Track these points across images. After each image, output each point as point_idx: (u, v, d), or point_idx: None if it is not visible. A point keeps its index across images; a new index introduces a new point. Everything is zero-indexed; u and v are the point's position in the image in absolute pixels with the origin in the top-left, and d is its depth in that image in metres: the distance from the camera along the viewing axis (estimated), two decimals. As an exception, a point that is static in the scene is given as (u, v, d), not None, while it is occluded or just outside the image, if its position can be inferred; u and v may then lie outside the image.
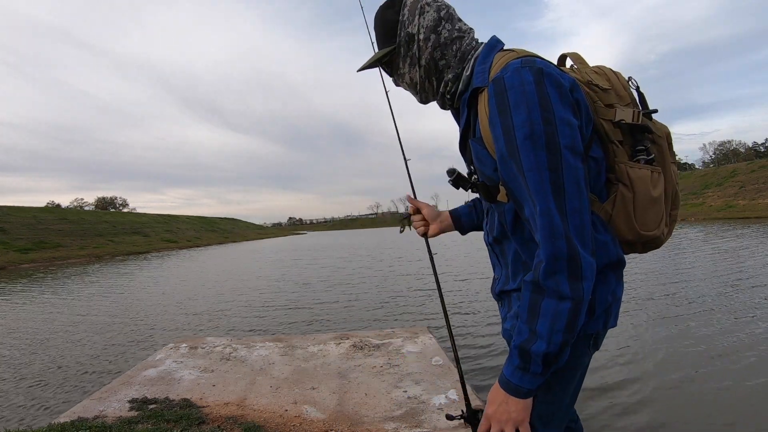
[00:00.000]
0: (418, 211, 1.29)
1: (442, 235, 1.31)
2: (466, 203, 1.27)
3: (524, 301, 0.76)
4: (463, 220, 1.23)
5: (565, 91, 0.76)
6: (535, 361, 0.73)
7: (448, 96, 0.95)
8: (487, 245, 1.03)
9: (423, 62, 0.93)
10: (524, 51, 0.85)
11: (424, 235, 1.27)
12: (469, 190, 0.98)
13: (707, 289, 6.90)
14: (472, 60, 0.91)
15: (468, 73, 0.90)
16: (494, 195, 0.88)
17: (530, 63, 0.77)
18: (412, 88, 0.99)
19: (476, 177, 0.93)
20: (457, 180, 0.97)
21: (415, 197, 1.34)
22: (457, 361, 1.20)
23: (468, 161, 0.96)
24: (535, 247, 0.78)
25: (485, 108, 0.82)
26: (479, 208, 1.22)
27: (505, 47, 0.91)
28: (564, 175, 0.72)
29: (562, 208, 0.72)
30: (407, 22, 0.92)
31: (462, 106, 0.92)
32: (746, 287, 6.80)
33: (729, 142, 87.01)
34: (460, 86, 0.92)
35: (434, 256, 1.28)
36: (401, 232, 1.43)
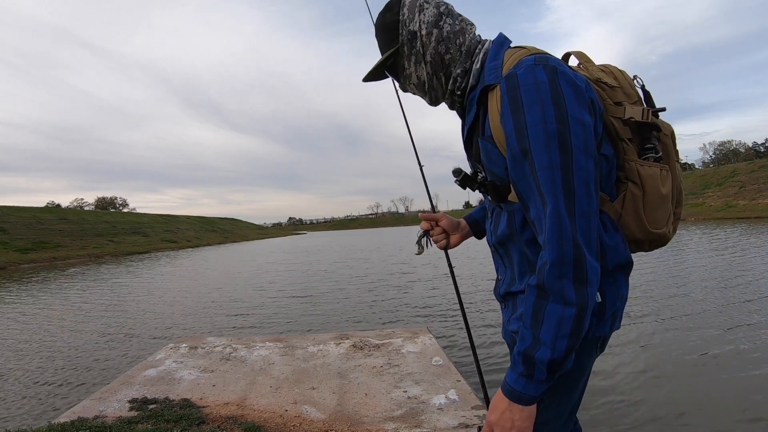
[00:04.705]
0: (433, 223, 1.20)
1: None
2: (480, 205, 1.23)
3: (528, 306, 0.75)
4: (480, 225, 1.20)
5: (580, 89, 0.75)
6: (540, 368, 0.72)
7: (458, 92, 0.93)
8: (490, 246, 1.01)
9: (428, 58, 0.91)
10: (535, 48, 0.84)
11: (446, 247, 1.20)
12: (477, 190, 0.95)
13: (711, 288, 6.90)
14: (481, 54, 0.90)
15: (478, 67, 0.89)
16: (504, 195, 0.87)
17: (544, 60, 0.76)
18: (420, 88, 0.96)
19: (483, 176, 0.92)
20: (463, 180, 0.95)
21: (433, 207, 1.30)
22: (481, 380, 1.15)
23: (475, 160, 0.94)
24: (538, 249, 0.76)
25: (497, 105, 0.81)
26: None
27: (513, 44, 0.90)
28: (575, 176, 0.71)
29: (572, 210, 0.70)
30: (408, 20, 0.91)
31: (470, 103, 0.90)
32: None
33: (729, 142, 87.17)
34: (470, 81, 0.90)
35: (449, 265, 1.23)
36: (419, 253, 1.22)
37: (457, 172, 0.96)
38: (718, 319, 5.19)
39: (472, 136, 0.92)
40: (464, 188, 0.98)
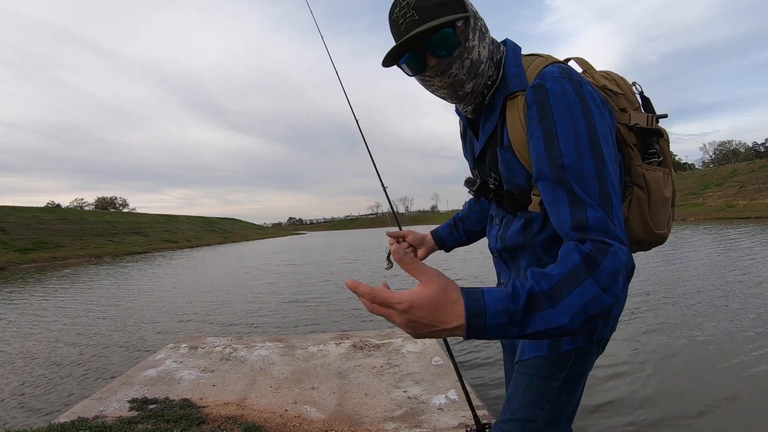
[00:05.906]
0: (400, 239, 1.27)
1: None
2: (447, 221, 1.29)
3: (566, 264, 0.62)
4: (446, 240, 1.27)
5: (600, 103, 0.77)
6: (536, 322, 0.56)
7: (488, 82, 0.86)
8: (493, 251, 1.02)
9: (488, 40, 0.84)
10: (551, 56, 0.84)
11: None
12: (491, 200, 0.94)
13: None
14: (503, 60, 0.88)
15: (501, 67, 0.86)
16: (521, 205, 0.87)
17: (569, 73, 0.76)
18: (472, 69, 0.82)
19: (497, 185, 0.91)
20: (478, 190, 0.93)
21: (399, 225, 1.34)
22: (461, 380, 1.19)
23: (490, 169, 0.92)
24: (555, 254, 0.72)
25: (519, 114, 0.80)
26: (459, 226, 1.24)
27: (523, 51, 0.90)
28: (608, 186, 0.71)
29: (611, 218, 0.70)
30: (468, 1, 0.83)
31: (491, 110, 0.88)
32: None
33: (729, 142, 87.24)
34: (501, 72, 0.85)
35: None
36: (388, 268, 1.25)
37: (470, 183, 0.95)
38: (727, 321, 5.19)
39: (488, 146, 0.90)
40: (478, 198, 0.97)
